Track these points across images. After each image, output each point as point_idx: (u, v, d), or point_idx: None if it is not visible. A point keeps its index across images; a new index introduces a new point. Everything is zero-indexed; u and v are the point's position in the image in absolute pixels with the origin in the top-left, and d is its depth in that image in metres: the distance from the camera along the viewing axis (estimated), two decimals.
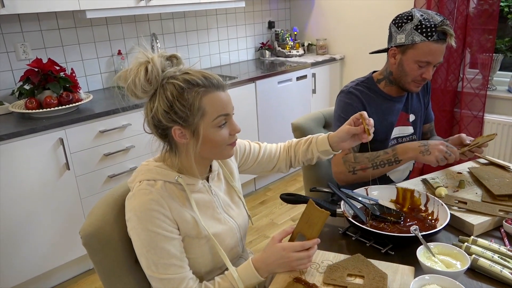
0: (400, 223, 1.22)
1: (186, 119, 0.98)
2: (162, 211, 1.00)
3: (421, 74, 1.44)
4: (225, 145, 1.06)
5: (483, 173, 1.44)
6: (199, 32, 3.33)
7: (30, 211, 2.07)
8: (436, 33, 1.37)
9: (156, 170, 1.05)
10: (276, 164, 1.35)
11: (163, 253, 0.99)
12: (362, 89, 1.54)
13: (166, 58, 1.02)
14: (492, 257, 1.04)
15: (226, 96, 1.04)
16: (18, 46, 2.42)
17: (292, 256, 0.99)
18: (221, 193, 1.17)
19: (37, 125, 2.03)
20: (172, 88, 0.97)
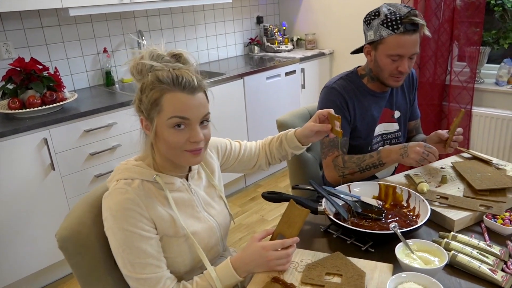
0: (382, 220, 1.21)
1: (148, 112, 1.01)
2: (138, 210, 0.99)
3: (397, 68, 1.43)
4: (182, 150, 1.02)
5: (466, 167, 1.44)
6: (186, 28, 3.30)
7: (16, 212, 2.04)
8: (402, 25, 1.37)
9: (134, 169, 1.05)
10: (256, 162, 1.35)
11: (139, 252, 0.99)
12: (346, 84, 1.53)
13: (171, 55, 1.04)
14: (471, 252, 1.04)
15: (192, 99, 0.99)
16: (1, 45, 2.39)
17: (270, 255, 0.98)
18: (201, 191, 1.17)
19: (20, 126, 2.01)
20: (145, 80, 1.01)
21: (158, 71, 1.00)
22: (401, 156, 1.40)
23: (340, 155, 1.50)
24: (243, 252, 1.02)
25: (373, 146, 1.58)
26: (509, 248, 1.07)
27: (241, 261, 1.01)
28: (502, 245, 1.09)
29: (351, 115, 1.51)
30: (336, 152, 1.51)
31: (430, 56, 2.93)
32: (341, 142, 1.51)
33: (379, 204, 1.29)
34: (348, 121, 1.52)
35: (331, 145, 1.51)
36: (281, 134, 1.34)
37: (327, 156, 1.52)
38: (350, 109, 1.51)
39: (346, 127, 1.52)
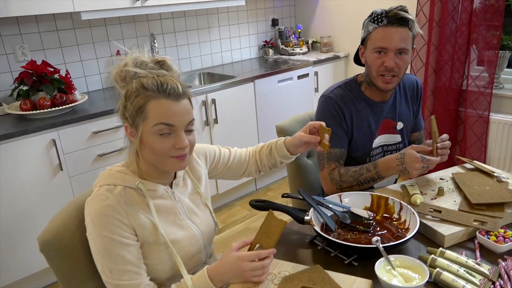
0: (370, 232, 1.18)
1: (133, 119, 1.01)
2: (118, 217, 1.00)
3: (383, 63, 1.38)
4: (167, 156, 1.03)
5: (466, 179, 1.38)
6: (200, 31, 3.32)
7: (24, 211, 2.11)
8: (387, 18, 1.35)
9: (117, 175, 1.06)
10: (246, 169, 1.35)
11: (118, 259, 0.99)
12: (343, 92, 1.49)
13: (155, 62, 1.04)
14: (458, 271, 0.99)
15: (177, 106, 1.00)
16: (17, 48, 2.47)
17: (246, 266, 0.97)
18: (185, 199, 1.16)
19: (30, 127, 2.07)
20: (129, 87, 1.01)
21: (142, 78, 1.00)
22: (401, 172, 1.37)
23: (337, 168, 1.46)
24: (219, 262, 1.01)
25: (372, 158, 1.53)
26: (500, 268, 1.02)
27: (217, 270, 1.00)
28: (493, 264, 1.04)
29: (348, 125, 1.48)
30: (333, 165, 1.48)
31: (446, 60, 2.84)
32: (337, 154, 1.48)
33: (370, 215, 1.25)
34: (346, 131, 1.48)
35: (328, 158, 1.48)
36: (272, 142, 1.33)
37: (324, 168, 1.49)
38: (347, 118, 1.47)
39: (344, 138, 1.49)
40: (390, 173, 1.40)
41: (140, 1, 2.54)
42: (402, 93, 1.56)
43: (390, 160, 1.38)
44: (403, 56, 1.38)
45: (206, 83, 3.23)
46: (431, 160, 1.33)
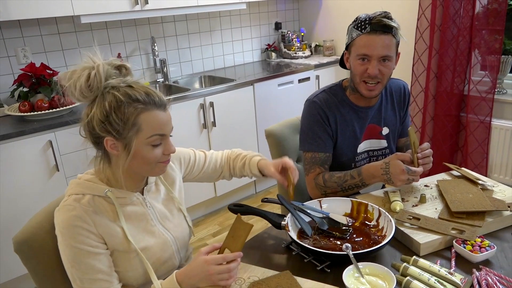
0: (346, 238, 1.17)
1: (120, 132, 0.98)
2: (86, 227, 0.99)
3: (366, 70, 1.37)
4: (156, 163, 1.04)
5: (450, 186, 1.35)
6: (201, 34, 3.34)
7: (20, 210, 2.14)
8: (370, 25, 1.34)
9: (85, 184, 1.05)
10: (221, 174, 1.37)
11: (87, 268, 0.99)
12: (328, 97, 1.49)
13: (114, 67, 1.02)
14: (429, 280, 0.98)
15: (166, 116, 1.03)
16: (19, 51, 2.52)
17: (212, 269, 0.96)
18: (158, 204, 1.16)
19: (27, 128, 2.11)
20: (111, 99, 0.97)
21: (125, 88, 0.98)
22: (386, 182, 1.35)
23: (322, 173, 1.46)
24: (188, 266, 1.01)
25: (357, 163, 1.52)
26: (473, 277, 1.00)
27: (185, 274, 1.00)
28: (468, 274, 1.03)
29: (332, 130, 1.47)
30: (318, 170, 1.47)
31: (448, 65, 2.80)
32: (322, 158, 1.48)
33: (349, 221, 1.25)
34: (330, 135, 1.48)
35: (313, 162, 1.48)
36: (247, 156, 1.34)
37: (309, 173, 1.49)
38: (331, 123, 1.46)
39: (328, 142, 1.48)
40: (374, 181, 1.39)
41: (139, 5, 2.57)
42: (389, 98, 1.55)
43: (374, 168, 1.36)
44: (387, 63, 1.37)
45: (207, 86, 3.25)
46: (416, 171, 1.31)
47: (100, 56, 0.99)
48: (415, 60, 2.97)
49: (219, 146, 2.89)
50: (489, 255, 1.06)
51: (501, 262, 1.07)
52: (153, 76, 3.12)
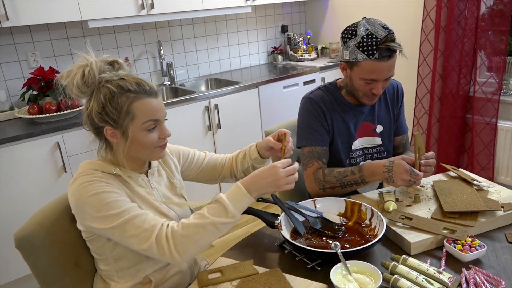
0: (338, 237, 1.19)
1: (116, 121, 1.05)
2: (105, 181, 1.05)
3: (371, 90, 1.39)
4: (154, 147, 1.11)
5: (445, 187, 1.36)
6: (208, 38, 3.39)
7: (28, 211, 2.18)
8: (378, 51, 1.32)
9: (96, 162, 1.12)
10: (221, 173, 1.38)
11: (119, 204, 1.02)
12: (323, 94, 1.51)
13: (107, 62, 1.09)
14: (416, 278, 0.99)
15: (158, 102, 1.09)
16: (29, 55, 2.59)
17: (281, 172, 1.05)
18: (161, 187, 1.21)
19: (36, 130, 2.17)
20: (106, 92, 1.04)
21: (117, 81, 1.05)
22: (386, 180, 1.36)
23: (321, 168, 1.48)
24: (253, 174, 1.07)
25: (353, 160, 1.54)
26: (461, 276, 1.00)
27: (252, 181, 1.05)
28: (458, 273, 1.03)
29: (328, 125, 1.49)
30: (316, 164, 1.49)
31: (453, 66, 2.79)
32: (319, 151, 1.49)
33: (343, 221, 1.26)
34: (327, 130, 1.50)
35: (311, 156, 1.49)
36: (247, 147, 1.36)
37: (307, 168, 1.51)
38: (327, 119, 1.49)
39: (325, 136, 1.50)
40: (374, 179, 1.40)
41: (145, 9, 2.62)
42: (382, 96, 1.56)
43: (377, 166, 1.37)
44: (389, 78, 1.41)
45: (213, 88, 3.29)
46: (419, 175, 1.31)
47: (93, 54, 1.07)
48: (421, 62, 2.96)
49: (224, 148, 2.93)
50: (478, 254, 1.07)
51: (492, 262, 1.07)
52: (160, 79, 3.17)
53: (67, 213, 1.19)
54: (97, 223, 1.03)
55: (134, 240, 1.01)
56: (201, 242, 1.01)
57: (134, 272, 1.13)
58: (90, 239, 1.11)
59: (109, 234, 1.04)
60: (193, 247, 1.01)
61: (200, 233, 1.01)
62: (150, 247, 1.00)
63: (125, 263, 1.12)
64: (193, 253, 1.02)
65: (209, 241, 1.03)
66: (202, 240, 1.01)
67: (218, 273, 1.06)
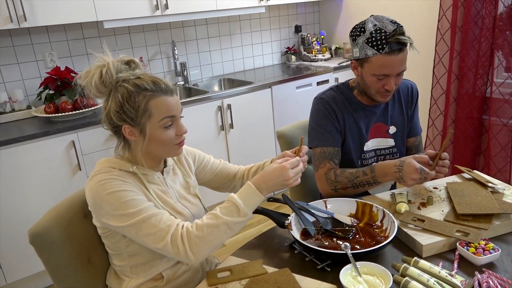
0: (349, 238, 1.18)
1: (134, 119, 1.07)
2: (125, 181, 1.07)
3: (383, 86, 1.38)
4: (172, 145, 1.13)
5: (459, 189, 1.34)
6: (221, 38, 3.40)
7: (43, 208, 2.23)
8: (388, 44, 1.31)
9: (113, 160, 1.14)
10: (232, 182, 1.41)
11: (136, 202, 1.04)
12: (335, 94, 1.50)
13: (124, 62, 1.11)
14: (428, 281, 0.97)
15: (174, 100, 1.11)
16: (46, 55, 2.64)
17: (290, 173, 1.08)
18: (176, 186, 1.23)
19: (52, 128, 2.21)
20: (123, 91, 1.06)
21: (133, 80, 1.07)
22: (397, 180, 1.34)
23: (333, 169, 1.47)
24: (263, 173, 1.09)
25: (365, 161, 1.53)
26: (474, 280, 0.99)
27: (262, 181, 1.08)
28: (470, 276, 1.01)
29: (340, 125, 1.48)
30: (328, 165, 1.48)
31: (469, 67, 2.74)
32: (331, 152, 1.48)
33: (353, 222, 1.25)
34: (339, 130, 1.49)
35: (322, 157, 1.49)
36: (262, 162, 1.39)
37: (319, 168, 1.50)
38: (339, 119, 1.48)
39: (337, 137, 1.49)
40: (386, 179, 1.38)
41: (160, 10, 2.65)
42: (396, 97, 1.54)
43: (388, 166, 1.36)
44: (402, 74, 1.39)
45: (226, 88, 3.30)
46: (429, 173, 1.30)
47: (110, 54, 1.09)
48: (436, 62, 2.92)
49: (237, 148, 2.93)
50: (492, 258, 1.05)
51: (506, 265, 1.05)
52: (173, 79, 3.19)
53: (81, 210, 1.22)
54: (113, 221, 1.05)
55: (149, 239, 1.03)
56: (215, 242, 1.03)
57: (147, 268, 1.14)
58: (106, 235, 1.13)
59: (125, 232, 1.06)
60: (207, 247, 1.02)
61: (214, 233, 1.02)
62: (165, 247, 1.02)
63: (139, 259, 1.13)
64: (207, 252, 1.03)
65: (223, 240, 1.04)
66: (216, 240, 1.03)
67: (227, 272, 1.06)
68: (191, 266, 1.22)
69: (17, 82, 2.57)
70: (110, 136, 1.17)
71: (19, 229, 2.19)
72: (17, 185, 2.16)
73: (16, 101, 2.50)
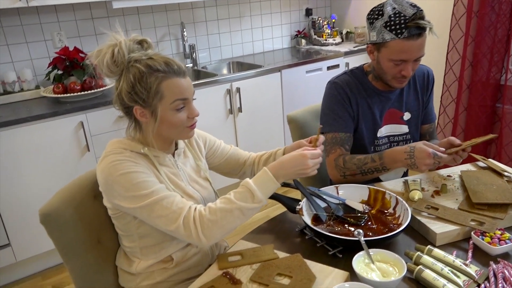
0: (361, 225, 1.16)
1: (145, 100, 1.05)
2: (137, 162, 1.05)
3: (400, 71, 1.34)
4: (183, 127, 1.11)
5: (473, 177, 1.31)
6: (231, 20, 3.34)
7: (51, 187, 2.25)
8: (407, 29, 1.27)
9: (124, 141, 1.12)
10: (242, 169, 1.39)
11: (148, 184, 1.03)
12: (349, 79, 1.47)
13: (136, 42, 1.09)
14: (442, 269, 0.96)
15: (186, 82, 1.09)
16: (55, 35, 2.61)
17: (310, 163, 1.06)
18: (187, 169, 1.22)
19: (60, 109, 2.20)
20: (135, 71, 1.04)
21: (145, 60, 1.04)
22: (409, 166, 1.31)
23: (342, 155, 1.45)
24: (282, 159, 1.07)
25: (377, 148, 1.50)
26: (489, 270, 0.97)
27: (280, 167, 1.06)
28: (485, 266, 1.00)
29: (353, 111, 1.46)
30: (338, 150, 1.46)
31: (484, 53, 2.68)
32: (342, 138, 1.46)
33: (365, 209, 1.24)
34: (352, 116, 1.46)
35: (333, 143, 1.46)
36: (274, 150, 1.37)
37: (329, 154, 1.48)
38: (352, 104, 1.45)
39: (349, 122, 1.46)
40: (396, 166, 1.36)
41: None
42: (411, 82, 1.51)
43: (397, 152, 1.33)
44: (419, 59, 1.35)
45: (235, 72, 3.26)
46: (443, 157, 1.27)
47: (122, 33, 1.06)
48: (450, 48, 2.86)
49: (245, 132, 2.91)
50: (508, 248, 1.03)
51: None
52: (182, 61, 3.16)
53: (91, 190, 1.21)
54: (125, 202, 1.04)
55: (161, 220, 1.02)
56: (228, 227, 1.02)
57: (157, 250, 1.14)
58: (116, 216, 1.12)
59: (137, 213, 1.05)
60: (219, 231, 1.01)
61: (227, 218, 1.01)
62: (177, 229, 1.01)
63: (149, 240, 1.13)
64: (219, 236, 1.02)
65: (235, 225, 1.03)
66: (229, 224, 1.02)
67: (238, 256, 1.05)
68: (200, 249, 1.21)
69: (26, 62, 2.55)
70: (119, 117, 1.15)
71: (28, 208, 2.20)
72: (25, 165, 2.16)
73: (25, 81, 2.49)
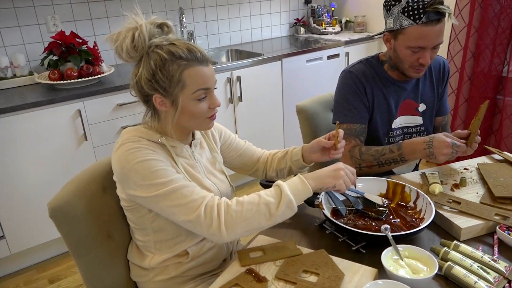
0: (382, 219, 1.13)
1: (166, 89, 1.00)
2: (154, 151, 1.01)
3: (418, 59, 1.30)
4: (204, 118, 1.06)
5: (492, 171, 1.29)
6: (230, 7, 3.27)
7: (47, 177, 2.18)
8: (425, 14, 1.23)
9: (141, 129, 1.06)
10: (255, 165, 1.34)
11: (166, 173, 0.99)
12: (365, 68, 1.43)
13: (156, 25, 1.02)
14: (471, 266, 0.94)
15: (209, 70, 1.03)
16: (49, 19, 2.51)
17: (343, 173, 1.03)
18: (203, 160, 1.17)
19: (57, 96, 2.12)
20: (156, 58, 0.99)
21: (167, 46, 0.99)
22: (427, 157, 1.28)
23: (358, 146, 1.41)
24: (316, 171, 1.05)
25: (391, 139, 1.47)
26: None
27: (314, 175, 1.03)
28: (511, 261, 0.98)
29: (369, 101, 1.42)
30: (353, 142, 1.43)
31: (487, 44, 2.67)
32: (357, 129, 1.43)
33: (384, 202, 1.21)
34: (366, 107, 1.43)
35: (348, 134, 1.43)
36: (290, 147, 1.32)
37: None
38: (368, 94, 1.41)
39: (364, 113, 1.43)
40: (414, 157, 1.33)
41: None
42: (427, 73, 1.48)
43: (417, 143, 1.30)
44: (438, 47, 1.31)
45: (233, 60, 3.20)
46: (461, 146, 1.25)
47: (142, 16, 1.00)
48: (452, 39, 2.84)
49: (245, 121, 2.86)
50: None
51: None
52: None
53: (101, 183, 1.16)
54: (141, 191, 0.98)
55: (179, 209, 0.97)
56: (251, 222, 0.96)
57: (172, 245, 1.10)
58: (131, 208, 1.07)
59: (153, 203, 0.99)
60: (242, 225, 0.96)
61: (252, 211, 0.96)
62: (198, 218, 0.95)
63: (164, 235, 1.08)
64: (240, 231, 0.96)
65: (259, 223, 0.97)
66: (253, 219, 0.96)
67: (259, 252, 1.01)
68: (216, 244, 1.17)
69: (18, 46, 2.45)
70: (117, 106, 1.09)
71: (23, 199, 2.12)
72: (20, 154, 2.08)
73: (18, 66, 2.38)
